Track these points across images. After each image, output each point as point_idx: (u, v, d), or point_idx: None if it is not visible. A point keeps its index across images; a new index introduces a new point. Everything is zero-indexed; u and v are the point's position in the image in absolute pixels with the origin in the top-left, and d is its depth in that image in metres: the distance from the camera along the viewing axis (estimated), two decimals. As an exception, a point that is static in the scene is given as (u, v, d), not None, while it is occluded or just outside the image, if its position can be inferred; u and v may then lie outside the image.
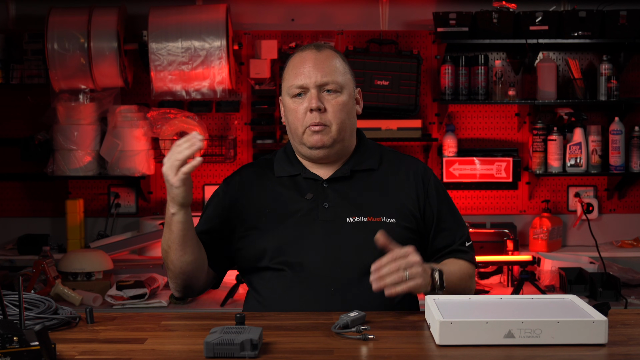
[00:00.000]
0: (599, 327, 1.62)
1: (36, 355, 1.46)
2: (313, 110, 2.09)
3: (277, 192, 2.16)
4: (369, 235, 2.06)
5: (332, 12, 4.30)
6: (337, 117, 2.11)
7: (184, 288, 2.12)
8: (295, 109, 2.12)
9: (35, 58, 4.10)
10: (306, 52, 2.15)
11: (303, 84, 2.11)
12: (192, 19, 3.94)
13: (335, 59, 2.15)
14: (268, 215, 2.12)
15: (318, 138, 2.10)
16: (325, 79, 2.11)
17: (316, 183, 2.16)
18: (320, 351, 1.62)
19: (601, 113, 4.27)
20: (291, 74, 2.13)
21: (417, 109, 4.07)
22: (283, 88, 2.17)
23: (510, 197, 4.33)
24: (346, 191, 2.14)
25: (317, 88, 2.10)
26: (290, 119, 2.14)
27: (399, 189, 2.16)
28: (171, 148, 1.94)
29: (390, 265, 1.88)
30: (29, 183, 4.30)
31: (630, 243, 4.23)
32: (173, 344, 1.71)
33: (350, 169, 2.17)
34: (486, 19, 4.00)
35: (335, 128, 2.11)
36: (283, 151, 2.25)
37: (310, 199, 2.13)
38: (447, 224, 2.18)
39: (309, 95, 2.11)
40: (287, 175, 2.18)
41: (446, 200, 2.22)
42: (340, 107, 2.12)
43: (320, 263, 2.05)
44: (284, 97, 2.17)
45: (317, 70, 2.11)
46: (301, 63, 2.13)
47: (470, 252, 2.21)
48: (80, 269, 3.62)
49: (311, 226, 2.09)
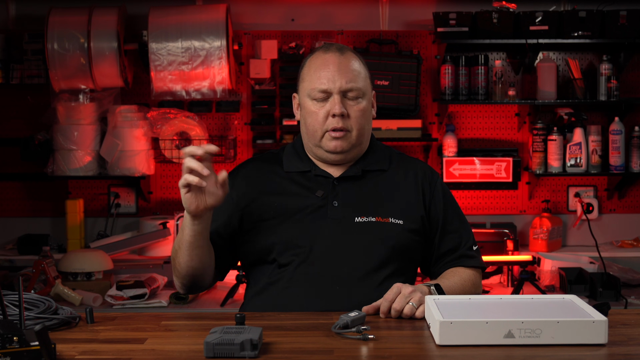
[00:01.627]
0: (599, 327, 1.62)
1: (36, 355, 1.46)
2: (336, 115, 2.09)
3: (287, 187, 2.15)
4: (377, 236, 2.07)
5: (332, 12, 4.30)
6: (358, 123, 2.12)
7: (189, 287, 2.12)
8: (315, 112, 2.11)
9: (35, 58, 4.10)
10: (329, 54, 2.13)
11: (327, 89, 2.10)
12: (192, 19, 3.94)
13: (358, 63, 2.14)
14: (277, 209, 2.11)
15: (337, 144, 2.10)
16: (349, 85, 2.10)
17: (327, 180, 2.15)
18: (320, 351, 1.62)
19: (601, 113, 4.27)
20: (313, 76, 2.11)
21: (417, 109, 4.07)
22: (302, 88, 2.15)
23: (510, 197, 4.33)
24: (356, 190, 2.14)
25: (340, 94, 2.10)
26: (309, 121, 2.13)
27: (407, 191, 2.16)
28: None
29: (394, 308, 1.87)
30: (29, 183, 4.30)
31: (630, 243, 4.23)
32: (173, 344, 1.71)
33: (362, 169, 2.17)
34: (486, 19, 4.00)
35: (355, 134, 2.12)
36: (292, 147, 2.24)
37: (320, 196, 2.12)
38: (453, 226, 2.19)
39: (331, 100, 2.10)
40: (297, 171, 2.18)
41: (452, 204, 2.22)
42: (361, 114, 2.12)
43: (326, 261, 2.06)
44: (302, 97, 2.16)
45: (341, 75, 2.10)
46: (324, 65, 2.11)
47: (477, 256, 2.21)
48: (80, 269, 3.63)
49: (320, 223, 2.09)
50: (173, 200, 4.29)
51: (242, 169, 2.24)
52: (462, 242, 2.19)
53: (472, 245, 2.21)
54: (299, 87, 2.18)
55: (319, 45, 2.23)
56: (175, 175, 4.30)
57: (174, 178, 4.30)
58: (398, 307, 1.87)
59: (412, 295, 1.88)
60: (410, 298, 1.88)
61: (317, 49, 2.19)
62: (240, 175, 2.20)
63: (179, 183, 1.90)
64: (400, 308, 1.87)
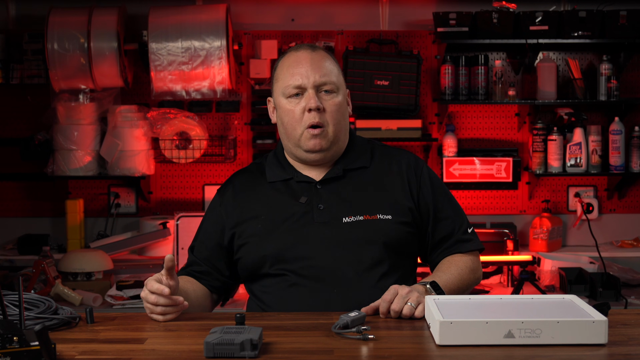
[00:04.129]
0: (599, 327, 1.62)
1: (36, 355, 1.46)
2: (312, 110, 2.08)
3: (271, 198, 2.15)
4: (367, 234, 2.06)
5: (332, 12, 4.30)
6: (334, 118, 2.11)
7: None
8: (291, 110, 2.10)
9: (35, 58, 4.10)
10: (300, 52, 2.13)
11: (301, 84, 2.09)
12: (192, 19, 3.94)
13: (329, 60, 2.14)
14: (264, 221, 2.11)
15: (317, 142, 2.09)
16: (323, 79, 2.10)
17: (309, 185, 2.14)
18: (320, 351, 1.62)
19: (601, 113, 4.27)
20: (286, 73, 2.11)
21: (417, 109, 4.07)
22: (276, 88, 2.15)
23: (510, 197, 4.33)
24: (340, 191, 2.13)
25: (314, 88, 2.09)
26: (286, 120, 2.12)
27: (393, 184, 2.15)
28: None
29: (392, 310, 1.87)
30: (29, 183, 4.30)
31: (630, 243, 4.23)
32: (173, 344, 1.71)
33: (342, 169, 2.16)
34: (486, 19, 4.00)
35: (332, 129, 2.11)
36: (273, 155, 2.23)
37: (304, 202, 2.11)
38: (445, 212, 2.17)
39: (306, 95, 2.09)
40: (280, 179, 2.17)
41: (441, 190, 2.20)
42: (337, 108, 2.12)
43: (319, 265, 2.05)
44: (277, 98, 2.15)
45: (314, 70, 2.10)
46: (297, 63, 2.11)
47: (474, 238, 2.19)
48: (80, 269, 3.63)
49: (308, 229, 2.08)
50: (173, 200, 4.29)
51: (230, 184, 2.23)
52: (455, 227, 2.17)
53: (467, 229, 2.19)
54: (273, 89, 2.17)
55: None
56: (175, 175, 4.30)
57: (174, 178, 4.30)
58: (397, 308, 1.87)
59: (410, 295, 1.88)
60: (407, 298, 1.87)
61: (289, 49, 2.19)
62: (228, 193, 2.20)
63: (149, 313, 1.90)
64: (398, 309, 1.86)
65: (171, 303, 1.87)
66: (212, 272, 2.17)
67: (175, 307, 1.88)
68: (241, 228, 2.12)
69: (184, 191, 4.30)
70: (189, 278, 2.15)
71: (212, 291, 2.18)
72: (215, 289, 2.19)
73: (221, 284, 2.19)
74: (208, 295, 2.17)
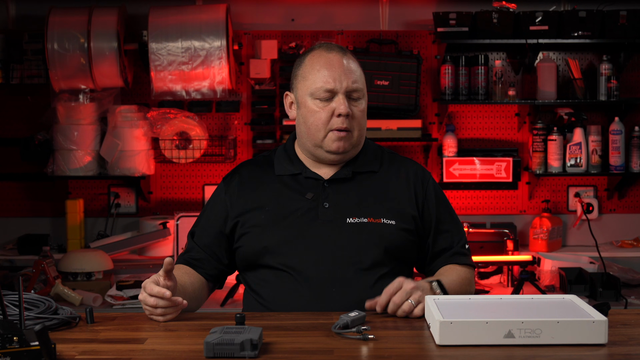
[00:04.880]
0: (599, 327, 1.62)
1: (36, 355, 1.46)
2: (342, 115, 2.09)
3: (278, 191, 2.16)
4: (369, 236, 2.07)
5: (332, 12, 4.30)
6: (359, 124, 2.13)
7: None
8: (319, 111, 2.11)
9: (35, 58, 4.10)
10: (333, 54, 2.13)
11: (332, 88, 2.10)
12: (192, 19, 3.94)
13: (357, 64, 2.16)
14: (268, 213, 2.12)
15: (340, 144, 2.11)
16: (354, 86, 2.11)
17: (317, 182, 2.15)
18: (320, 351, 1.62)
19: (601, 113, 4.27)
20: (317, 75, 2.11)
21: (417, 109, 4.07)
22: (302, 86, 2.15)
23: (510, 197, 4.33)
24: (347, 192, 2.14)
25: (345, 94, 2.10)
26: (310, 120, 2.12)
27: (399, 191, 2.17)
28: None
29: (393, 302, 1.88)
30: (29, 183, 4.30)
31: (630, 243, 4.23)
32: (173, 344, 1.71)
33: (352, 171, 2.17)
34: (486, 19, 4.00)
35: (356, 134, 2.13)
36: (283, 149, 2.25)
37: (310, 198, 2.12)
38: (446, 225, 2.19)
39: (337, 100, 2.10)
40: (288, 174, 2.18)
41: (444, 203, 2.23)
42: (362, 114, 2.14)
43: (319, 263, 2.05)
44: (302, 96, 2.15)
45: (347, 76, 2.10)
46: (330, 65, 2.11)
47: (469, 254, 2.23)
48: (80, 269, 3.63)
49: (311, 225, 2.09)
50: (173, 200, 4.29)
51: (237, 174, 2.23)
52: (454, 241, 2.20)
53: (465, 244, 2.22)
54: (297, 85, 2.17)
55: (318, 44, 2.22)
56: (175, 175, 4.30)
57: (174, 178, 4.30)
58: (398, 301, 1.87)
59: (413, 292, 1.88)
60: (410, 294, 1.88)
61: (316, 47, 2.18)
62: (234, 182, 2.21)
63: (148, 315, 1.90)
64: (400, 302, 1.87)
65: (171, 304, 1.87)
66: (211, 259, 2.17)
67: (175, 307, 1.88)
68: (244, 218, 2.13)
69: (184, 191, 4.30)
70: (187, 269, 2.15)
71: (209, 280, 2.19)
72: (211, 277, 2.19)
73: (218, 272, 2.19)
74: (205, 285, 2.17)
